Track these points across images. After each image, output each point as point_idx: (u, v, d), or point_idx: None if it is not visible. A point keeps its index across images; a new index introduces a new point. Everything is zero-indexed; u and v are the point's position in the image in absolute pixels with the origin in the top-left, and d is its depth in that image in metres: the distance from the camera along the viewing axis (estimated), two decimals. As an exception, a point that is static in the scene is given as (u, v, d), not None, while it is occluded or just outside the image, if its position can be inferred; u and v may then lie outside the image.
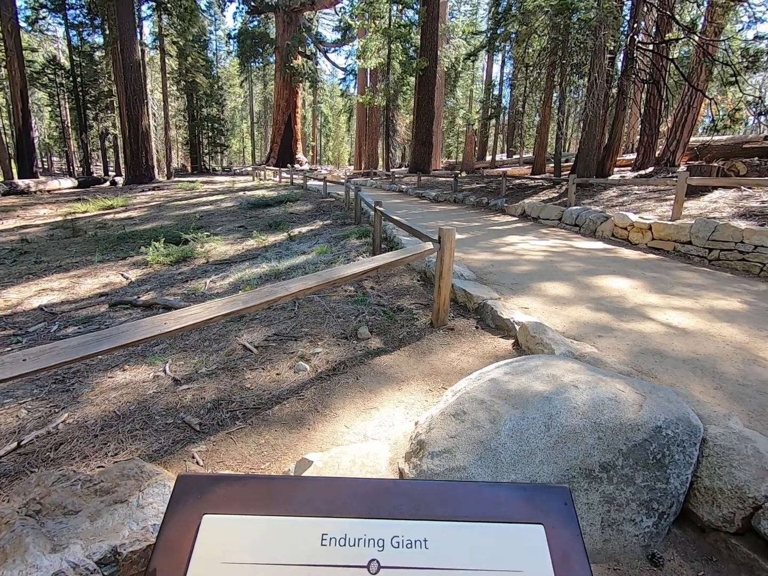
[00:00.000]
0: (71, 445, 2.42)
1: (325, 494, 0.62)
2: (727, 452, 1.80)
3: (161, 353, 3.68)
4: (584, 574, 0.56)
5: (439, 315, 3.73)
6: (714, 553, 1.74)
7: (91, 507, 1.52)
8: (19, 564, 1.31)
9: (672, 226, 6.04)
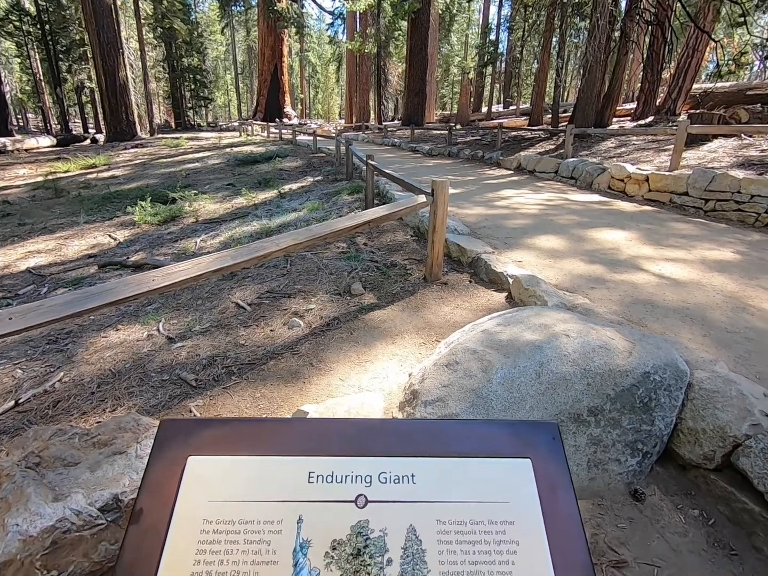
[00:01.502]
0: (69, 402, 2.44)
1: (312, 435, 0.61)
2: (712, 395, 1.85)
3: (154, 313, 3.67)
4: (570, 505, 0.57)
5: (432, 270, 3.71)
6: (693, 488, 1.83)
7: (91, 458, 1.55)
8: (23, 512, 1.34)
9: (669, 176, 5.94)
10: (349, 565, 0.54)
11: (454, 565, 0.54)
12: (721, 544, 1.63)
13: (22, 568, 1.34)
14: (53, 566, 1.36)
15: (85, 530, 1.39)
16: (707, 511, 1.74)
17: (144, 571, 0.52)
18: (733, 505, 1.69)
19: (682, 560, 1.57)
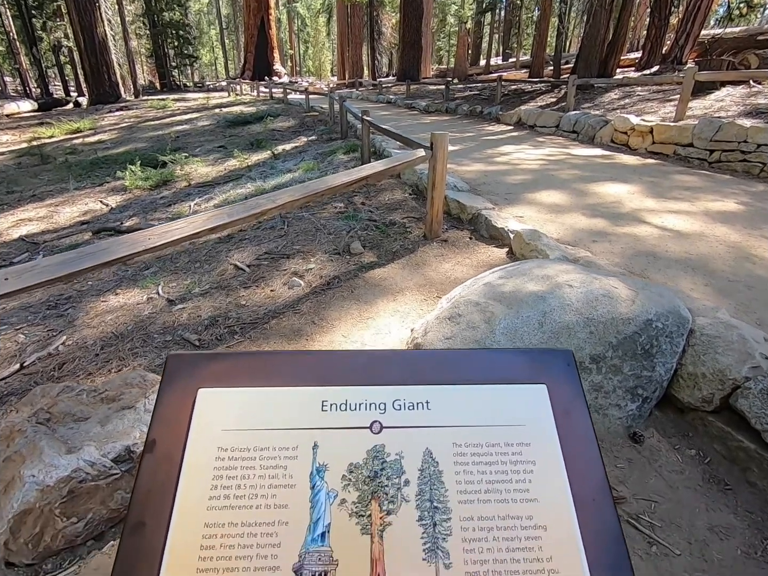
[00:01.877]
0: (74, 364, 2.46)
1: (323, 365, 0.61)
2: (713, 340, 1.87)
3: (152, 276, 3.63)
4: (586, 427, 0.57)
5: (432, 227, 3.66)
6: (690, 430, 1.88)
7: (100, 413, 1.57)
8: (38, 464, 1.37)
9: (674, 127, 5.77)
10: (367, 487, 0.54)
11: (471, 484, 0.55)
12: (716, 480, 1.69)
13: (42, 516, 1.38)
14: (72, 513, 1.40)
15: (101, 480, 1.43)
16: (703, 450, 1.80)
17: (161, 496, 0.53)
18: (729, 444, 1.74)
19: (678, 495, 1.63)
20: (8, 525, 1.34)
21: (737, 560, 1.43)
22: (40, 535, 1.39)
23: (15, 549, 1.38)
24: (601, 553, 0.51)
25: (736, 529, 1.52)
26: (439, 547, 0.52)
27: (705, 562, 1.42)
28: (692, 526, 1.53)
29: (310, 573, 0.50)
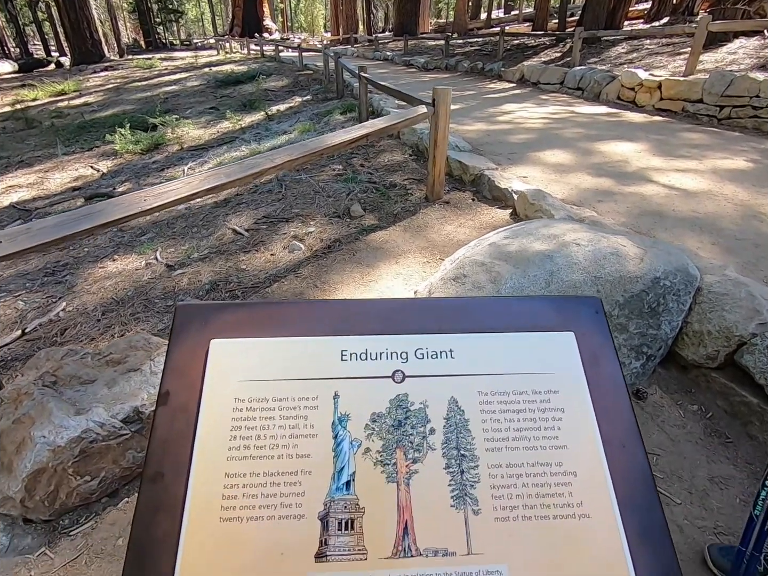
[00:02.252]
0: (76, 330, 2.44)
1: (341, 315, 0.58)
2: (721, 297, 1.85)
3: (149, 242, 3.57)
4: (615, 374, 0.55)
5: (434, 188, 3.57)
6: (693, 386, 1.90)
7: (106, 376, 1.56)
8: (47, 425, 1.37)
9: (684, 82, 5.54)
10: (391, 436, 0.53)
11: (498, 432, 0.53)
12: (717, 433, 1.72)
13: (56, 475, 1.40)
14: (85, 472, 1.42)
15: (111, 440, 1.43)
16: (705, 405, 1.82)
17: (178, 447, 0.51)
18: (731, 399, 1.76)
19: (679, 448, 1.66)
20: (23, 484, 1.36)
21: (736, 508, 1.47)
22: (55, 493, 1.41)
23: (32, 506, 1.40)
24: (632, 497, 0.50)
25: (736, 480, 1.56)
26: (467, 494, 0.51)
27: (705, 510, 1.47)
28: (693, 477, 1.57)
29: (336, 520, 0.49)
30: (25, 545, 1.39)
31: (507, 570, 0.48)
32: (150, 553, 0.47)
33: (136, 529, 0.48)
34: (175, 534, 0.48)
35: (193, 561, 0.47)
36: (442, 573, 0.47)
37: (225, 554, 0.48)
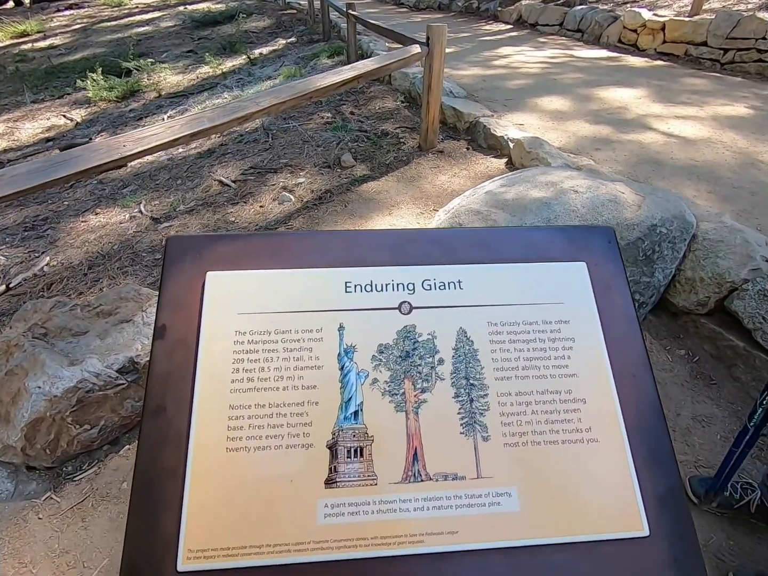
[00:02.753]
0: (62, 284, 2.39)
1: (344, 246, 0.55)
2: (716, 244, 1.85)
3: (132, 195, 3.43)
4: (626, 304, 0.54)
5: (427, 136, 3.44)
6: (682, 332, 1.94)
7: (98, 327, 1.53)
8: (41, 376, 1.36)
9: (689, 23, 5.28)
10: (399, 367, 0.52)
11: (508, 362, 0.53)
12: (702, 376, 1.77)
13: (55, 424, 1.40)
14: (84, 421, 1.43)
15: (108, 389, 1.43)
16: (692, 350, 1.87)
17: (179, 381, 0.50)
18: (718, 344, 1.81)
19: (666, 390, 1.72)
20: (22, 433, 1.36)
21: (716, 444, 1.55)
22: (55, 441, 1.42)
23: (33, 454, 1.42)
24: (640, 424, 0.51)
25: (718, 418, 1.63)
26: (476, 421, 0.51)
27: (687, 446, 1.54)
28: (677, 416, 1.63)
29: (345, 449, 0.49)
30: (30, 490, 1.42)
31: (516, 492, 0.49)
32: (157, 483, 0.47)
33: (141, 462, 0.47)
34: (181, 465, 0.47)
35: (201, 490, 0.47)
36: (452, 496, 0.48)
37: (234, 483, 0.48)
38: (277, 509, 0.47)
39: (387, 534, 0.46)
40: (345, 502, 0.48)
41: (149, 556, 0.44)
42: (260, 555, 0.45)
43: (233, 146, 4.01)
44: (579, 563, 0.46)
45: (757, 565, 1.25)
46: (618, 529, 0.48)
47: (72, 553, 1.28)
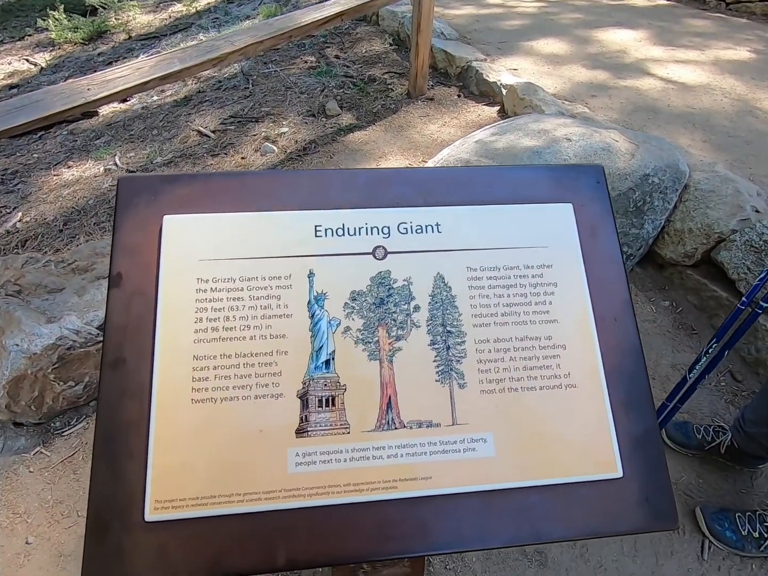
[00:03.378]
0: (37, 241, 2.30)
1: (314, 187, 0.51)
2: (707, 195, 1.82)
3: (105, 146, 3.25)
4: (612, 247, 0.52)
5: (416, 82, 3.26)
6: (667, 284, 1.96)
7: (74, 284, 1.49)
8: (18, 333, 1.33)
9: (696, -43, 4.94)
10: (373, 314, 0.50)
11: (487, 308, 0.51)
12: (684, 326, 1.80)
13: (37, 381, 1.39)
14: (68, 378, 1.41)
15: (90, 346, 1.41)
16: (676, 301, 1.89)
17: (139, 332, 0.47)
18: (702, 295, 1.83)
19: (648, 340, 1.75)
20: (4, 390, 1.35)
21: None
22: (40, 398, 1.42)
23: (18, 411, 1.41)
24: (620, 368, 0.50)
25: (696, 366, 1.67)
26: (453, 369, 0.49)
27: (664, 392, 1.58)
28: (657, 365, 1.67)
29: (317, 398, 0.48)
30: (19, 446, 1.43)
31: (492, 438, 0.48)
32: (120, 436, 0.45)
33: (103, 415, 0.45)
34: (144, 417, 0.46)
35: (167, 441, 0.46)
36: (426, 442, 0.48)
37: (201, 434, 0.47)
38: (246, 459, 0.46)
39: (360, 481, 0.46)
40: (317, 450, 0.47)
41: (115, 508, 0.43)
42: (230, 504, 0.45)
43: (211, 93, 3.78)
44: (553, 504, 0.47)
45: (722, 500, 1.32)
46: (592, 472, 0.48)
47: (65, 503, 1.31)
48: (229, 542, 0.43)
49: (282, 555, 0.43)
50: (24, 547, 1.22)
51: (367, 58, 4.09)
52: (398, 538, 0.45)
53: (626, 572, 1.19)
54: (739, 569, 1.19)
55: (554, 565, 1.20)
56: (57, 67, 5.36)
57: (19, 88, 4.96)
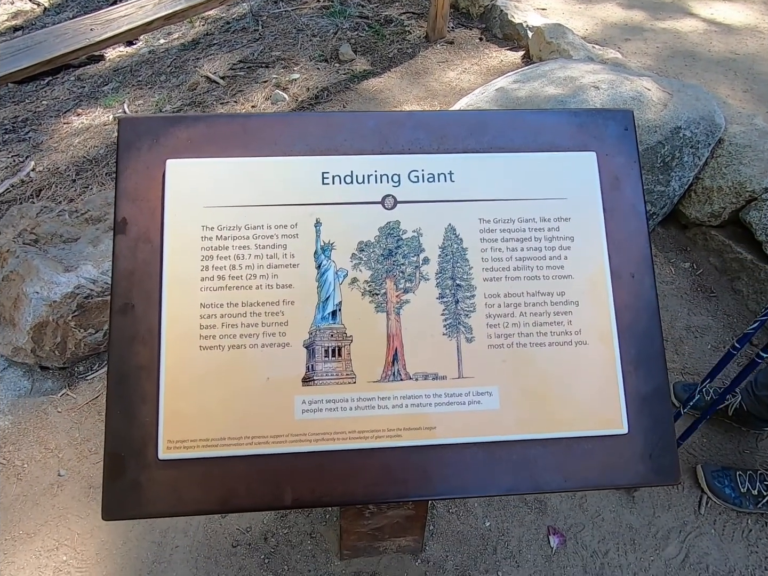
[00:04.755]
0: (51, 190, 2.30)
1: (322, 131, 0.49)
2: (742, 150, 1.71)
3: (114, 93, 3.17)
4: (635, 199, 0.49)
5: (436, 24, 3.05)
6: (689, 245, 1.89)
7: (89, 234, 1.50)
8: (38, 282, 1.36)
9: None
10: (381, 266, 0.49)
11: (499, 261, 0.50)
12: (703, 288, 1.76)
13: (59, 328, 1.44)
14: (88, 325, 1.46)
15: (107, 296, 1.44)
16: (697, 263, 1.83)
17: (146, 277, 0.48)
18: (725, 256, 1.76)
19: (664, 302, 1.72)
20: (29, 336, 1.40)
21: (705, 353, 1.58)
22: (63, 344, 1.47)
23: (43, 355, 1.47)
24: (633, 326, 0.49)
25: (711, 329, 1.65)
26: (461, 322, 0.49)
27: (677, 355, 1.57)
28: (671, 327, 1.65)
29: (323, 348, 0.48)
30: (46, 388, 1.51)
31: (498, 392, 0.49)
32: (131, 379, 0.47)
33: (114, 358, 0.47)
34: (154, 362, 0.47)
35: (177, 385, 0.47)
36: (431, 394, 0.48)
37: (210, 380, 0.48)
38: (254, 404, 0.48)
39: (364, 428, 0.48)
40: (323, 398, 0.48)
41: (131, 447, 0.45)
42: (239, 446, 0.47)
43: (220, 36, 3.60)
44: (554, 457, 0.47)
45: (725, 459, 1.34)
46: (597, 427, 0.48)
47: (92, 441, 1.40)
48: (238, 481, 0.45)
49: (288, 494, 0.45)
50: (57, 479, 1.32)
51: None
52: (401, 483, 0.46)
53: (623, 522, 1.23)
54: (735, 524, 1.23)
55: (553, 512, 1.25)
56: (60, 6, 5.14)
57: (23, 30, 4.80)
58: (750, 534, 1.21)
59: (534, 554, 1.19)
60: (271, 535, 1.21)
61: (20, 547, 1.21)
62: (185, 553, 1.19)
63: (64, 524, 1.23)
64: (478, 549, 1.19)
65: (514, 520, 1.24)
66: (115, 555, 1.19)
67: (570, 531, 1.22)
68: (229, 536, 1.21)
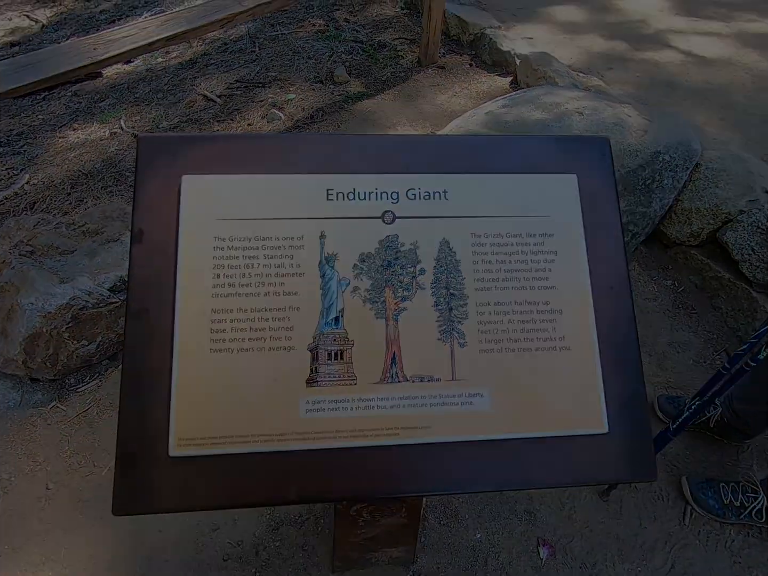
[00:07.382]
0: (46, 203, 2.31)
1: (327, 151, 0.53)
2: (717, 174, 1.81)
3: (111, 109, 3.21)
4: (613, 219, 0.54)
5: (428, 49, 3.17)
6: (671, 263, 1.96)
7: (85, 247, 1.52)
8: (33, 293, 1.37)
9: None
10: (380, 275, 0.53)
11: (489, 273, 0.53)
12: (684, 306, 1.83)
13: (52, 339, 1.44)
14: (81, 337, 1.46)
15: (101, 307, 1.45)
16: (679, 281, 1.91)
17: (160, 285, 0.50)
18: (704, 275, 1.84)
19: (647, 318, 1.78)
20: (21, 347, 1.40)
21: (688, 368, 1.63)
22: (55, 355, 1.47)
23: (35, 367, 1.47)
24: (612, 334, 0.53)
25: (693, 345, 1.70)
26: (454, 329, 0.52)
27: (661, 370, 1.63)
28: (654, 343, 1.70)
29: (326, 351, 0.51)
30: (36, 400, 1.50)
31: (488, 393, 0.52)
32: (145, 379, 0.49)
33: (128, 360, 0.49)
34: (167, 364, 0.49)
35: (188, 386, 0.49)
36: (427, 395, 0.52)
37: (219, 381, 0.50)
38: (261, 404, 0.50)
39: (365, 427, 0.51)
40: (326, 399, 0.51)
41: (142, 444, 0.47)
42: (246, 444, 0.49)
43: (217, 56, 3.69)
44: (541, 455, 0.51)
45: (708, 471, 1.38)
46: (580, 427, 0.52)
47: (82, 454, 1.38)
48: (246, 477, 0.48)
49: (293, 490, 0.48)
50: (44, 492, 1.30)
51: (377, 22, 3.95)
52: (398, 479, 0.49)
53: (611, 532, 1.26)
54: (718, 534, 1.26)
55: (542, 524, 1.27)
56: (59, 24, 5.21)
57: (20, 46, 4.85)
58: (733, 544, 1.24)
59: (524, 565, 1.20)
60: (262, 549, 1.20)
61: (4, 563, 1.18)
62: (175, 567, 1.17)
63: (52, 538, 1.22)
64: (468, 561, 1.20)
65: (504, 531, 1.25)
66: (104, 570, 1.17)
67: (559, 542, 1.24)
68: (220, 549, 1.20)
